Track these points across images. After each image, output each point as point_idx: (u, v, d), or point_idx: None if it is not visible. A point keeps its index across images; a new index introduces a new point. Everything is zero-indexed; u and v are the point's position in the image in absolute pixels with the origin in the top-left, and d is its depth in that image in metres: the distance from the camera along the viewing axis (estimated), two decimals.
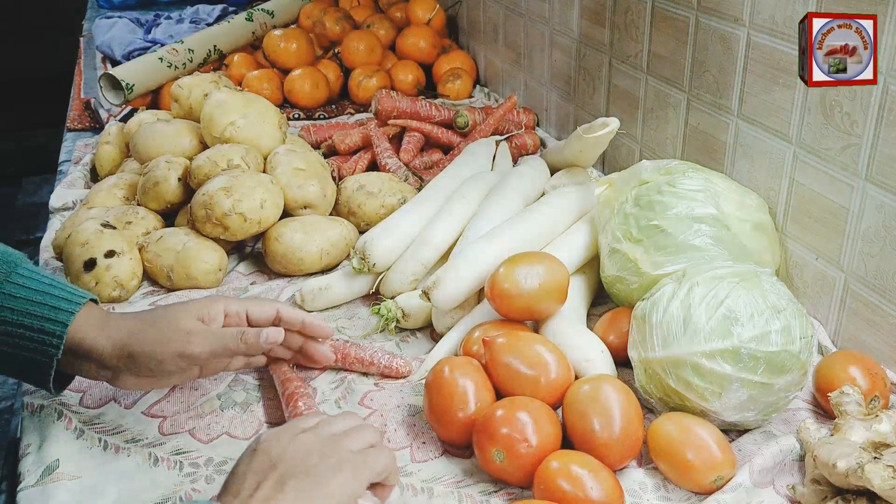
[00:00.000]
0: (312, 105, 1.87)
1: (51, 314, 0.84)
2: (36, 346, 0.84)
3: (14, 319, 0.84)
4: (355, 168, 1.51)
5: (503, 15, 1.86)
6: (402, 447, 0.91)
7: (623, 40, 1.40)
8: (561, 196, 1.21)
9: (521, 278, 0.98)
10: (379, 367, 1.02)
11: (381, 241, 1.15)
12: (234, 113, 1.32)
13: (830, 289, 1.03)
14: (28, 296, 0.84)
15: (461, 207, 1.21)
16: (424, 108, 1.63)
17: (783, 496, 0.82)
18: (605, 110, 1.49)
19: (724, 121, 1.18)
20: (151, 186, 1.28)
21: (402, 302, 1.11)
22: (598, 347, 0.98)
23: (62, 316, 0.85)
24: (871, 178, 0.94)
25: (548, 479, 0.79)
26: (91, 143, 1.67)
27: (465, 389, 0.88)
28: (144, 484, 0.86)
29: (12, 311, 0.84)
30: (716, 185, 1.05)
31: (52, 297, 0.85)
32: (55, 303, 0.85)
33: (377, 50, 1.96)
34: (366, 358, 1.02)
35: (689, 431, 0.84)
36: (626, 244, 1.04)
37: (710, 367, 0.85)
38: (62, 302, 0.85)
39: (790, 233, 1.09)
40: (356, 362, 1.02)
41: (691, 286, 0.89)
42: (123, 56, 2.04)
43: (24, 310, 0.84)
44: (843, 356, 0.95)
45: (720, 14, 1.15)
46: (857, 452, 0.74)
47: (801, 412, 0.95)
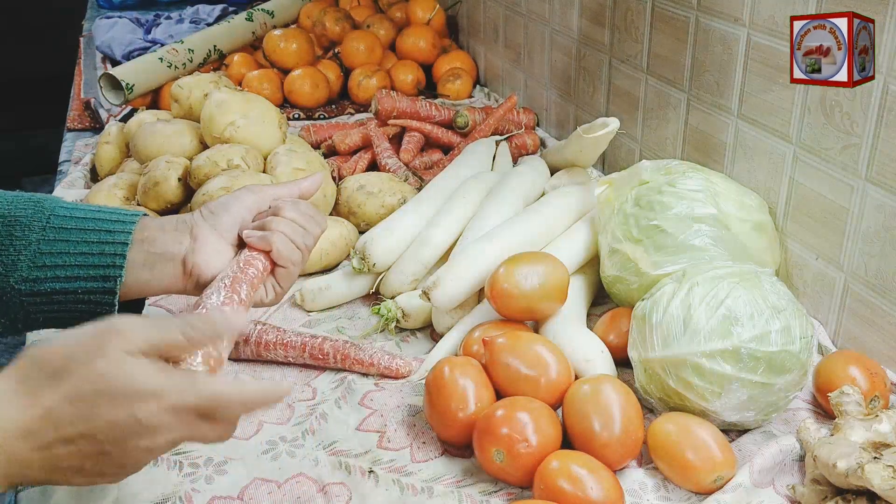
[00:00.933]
0: (312, 105, 1.87)
1: (108, 237, 0.80)
2: (98, 272, 0.79)
3: (68, 250, 0.79)
4: (355, 168, 1.51)
5: (503, 15, 1.86)
6: (402, 447, 0.91)
7: (623, 40, 1.40)
8: (561, 196, 1.21)
9: (521, 278, 0.98)
10: (379, 368, 1.02)
11: (381, 241, 1.15)
12: (234, 113, 1.32)
13: (830, 289, 1.03)
14: (79, 225, 0.80)
15: (461, 207, 1.21)
16: (424, 108, 1.63)
17: (783, 496, 0.82)
18: (605, 110, 1.49)
19: (724, 121, 1.18)
20: (151, 186, 1.28)
21: (402, 302, 1.11)
22: (598, 347, 0.98)
23: (119, 236, 0.80)
24: (871, 178, 0.94)
25: (548, 479, 0.79)
26: (91, 143, 1.67)
27: (465, 389, 0.89)
28: (144, 484, 0.86)
29: (67, 242, 0.79)
30: (716, 185, 1.05)
31: (104, 221, 0.81)
32: (108, 226, 0.81)
33: (377, 50, 1.96)
34: (365, 358, 1.02)
35: (689, 431, 0.84)
36: (626, 244, 1.04)
37: (710, 367, 0.85)
38: (115, 224, 0.81)
39: (790, 233, 1.09)
40: (356, 363, 1.02)
41: (691, 286, 0.89)
42: (123, 56, 2.04)
43: (79, 239, 0.79)
44: (843, 356, 0.95)
45: (720, 14, 1.15)
46: (857, 452, 0.74)
47: (801, 412, 0.95)
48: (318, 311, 1.16)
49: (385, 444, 0.91)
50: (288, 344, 1.03)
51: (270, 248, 0.83)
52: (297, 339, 1.04)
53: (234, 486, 0.86)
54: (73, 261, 0.79)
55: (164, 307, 1.15)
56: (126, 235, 0.80)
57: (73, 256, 0.79)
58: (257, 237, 0.83)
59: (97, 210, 0.83)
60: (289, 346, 1.03)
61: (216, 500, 0.84)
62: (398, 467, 0.88)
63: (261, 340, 1.04)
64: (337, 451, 0.90)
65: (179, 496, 0.84)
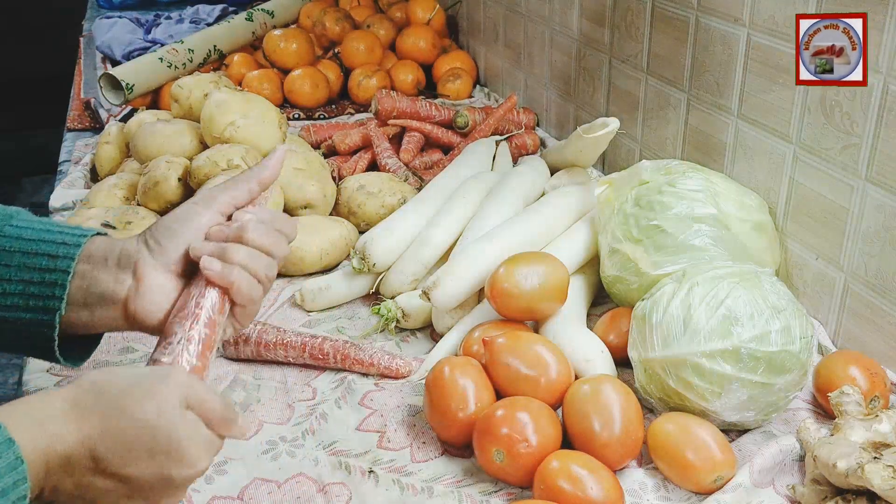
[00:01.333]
0: (312, 105, 1.87)
1: (50, 264, 0.73)
2: (38, 302, 0.73)
3: (9, 276, 0.73)
4: (355, 168, 1.51)
5: (503, 15, 1.86)
6: (402, 447, 0.91)
7: (623, 40, 1.40)
8: (561, 196, 1.21)
9: (521, 278, 0.98)
10: (379, 368, 1.02)
11: (381, 241, 1.15)
12: (234, 113, 1.32)
13: (830, 289, 1.03)
14: (24, 248, 0.74)
15: (461, 207, 1.21)
16: (424, 108, 1.63)
17: (783, 496, 0.82)
18: (605, 110, 1.49)
19: (724, 121, 1.18)
20: (151, 186, 1.28)
21: (402, 302, 1.11)
22: (598, 347, 0.98)
23: (62, 263, 0.73)
24: (871, 178, 0.94)
25: (548, 479, 0.79)
26: (91, 143, 1.67)
27: (465, 389, 0.89)
28: None
29: (8, 267, 0.73)
30: (716, 185, 1.05)
31: (49, 243, 0.74)
32: (53, 250, 0.74)
33: (377, 50, 1.96)
34: (365, 358, 1.02)
35: (689, 431, 0.84)
36: (626, 244, 1.04)
37: (710, 367, 0.85)
38: (60, 248, 0.74)
39: (790, 233, 1.09)
40: (356, 363, 1.02)
41: (691, 286, 0.89)
42: (123, 56, 2.04)
43: (21, 264, 0.73)
44: (843, 356, 0.95)
45: (720, 14, 1.15)
46: (857, 452, 0.74)
47: (801, 412, 0.95)
48: (318, 311, 1.16)
49: (385, 444, 0.91)
50: (288, 344, 1.03)
51: (230, 285, 0.74)
52: (297, 339, 1.04)
53: (234, 486, 0.86)
54: (13, 289, 0.73)
55: None
56: (69, 262, 0.73)
57: (13, 284, 0.73)
58: (216, 273, 0.73)
59: (45, 230, 0.75)
60: (289, 346, 1.03)
61: (216, 500, 0.84)
62: (398, 467, 0.88)
63: (261, 340, 1.04)
64: (337, 451, 0.90)
65: None
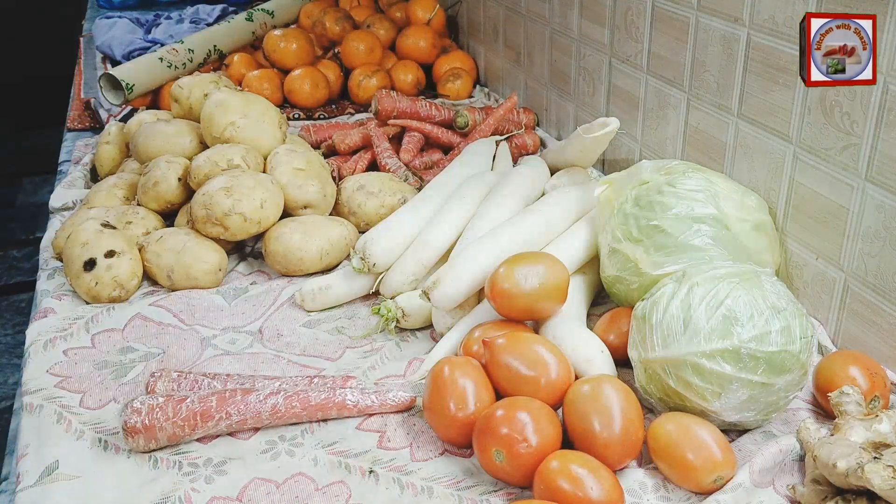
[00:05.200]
0: (312, 105, 1.87)
1: None
2: None
3: None
4: (355, 168, 1.51)
5: (503, 15, 1.86)
6: (402, 447, 0.91)
7: (623, 40, 1.40)
8: (561, 196, 1.21)
9: (521, 278, 0.98)
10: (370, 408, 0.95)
11: (381, 241, 1.15)
12: (234, 113, 1.32)
13: (830, 289, 1.03)
14: None
15: (461, 208, 1.21)
16: (424, 108, 1.63)
17: (783, 496, 0.82)
18: (605, 110, 1.49)
19: (724, 121, 1.17)
20: (151, 186, 1.28)
21: (402, 302, 1.11)
22: (598, 347, 0.98)
23: None
24: (871, 178, 0.94)
25: (548, 479, 0.79)
26: (91, 143, 1.67)
27: (465, 389, 0.89)
28: (144, 484, 0.86)
29: None
30: (716, 186, 1.05)
31: None
32: None
33: (377, 50, 1.96)
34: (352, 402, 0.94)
35: (689, 431, 0.84)
36: (626, 244, 1.04)
37: (710, 368, 0.85)
38: None
39: (790, 233, 1.09)
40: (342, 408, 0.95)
41: (691, 286, 0.89)
42: (123, 56, 2.04)
43: None
44: (843, 356, 0.95)
45: (720, 14, 1.15)
46: (857, 452, 0.74)
47: (801, 412, 0.95)
48: (318, 311, 1.16)
49: (385, 443, 0.91)
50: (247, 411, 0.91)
51: None
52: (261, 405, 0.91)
53: (234, 486, 0.86)
54: None
55: (164, 307, 1.15)
56: None
57: None
58: None
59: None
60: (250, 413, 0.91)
61: (216, 500, 0.84)
62: (398, 467, 0.88)
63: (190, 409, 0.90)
64: (337, 451, 0.90)
65: (179, 496, 0.84)
